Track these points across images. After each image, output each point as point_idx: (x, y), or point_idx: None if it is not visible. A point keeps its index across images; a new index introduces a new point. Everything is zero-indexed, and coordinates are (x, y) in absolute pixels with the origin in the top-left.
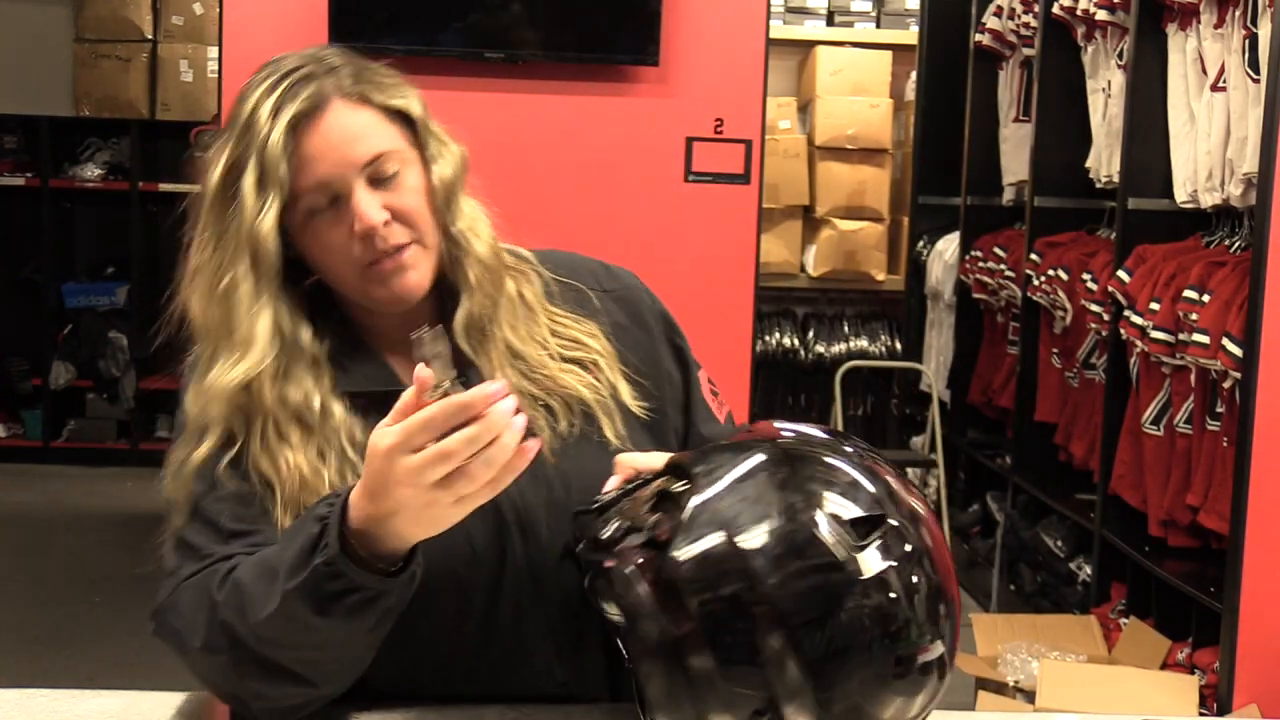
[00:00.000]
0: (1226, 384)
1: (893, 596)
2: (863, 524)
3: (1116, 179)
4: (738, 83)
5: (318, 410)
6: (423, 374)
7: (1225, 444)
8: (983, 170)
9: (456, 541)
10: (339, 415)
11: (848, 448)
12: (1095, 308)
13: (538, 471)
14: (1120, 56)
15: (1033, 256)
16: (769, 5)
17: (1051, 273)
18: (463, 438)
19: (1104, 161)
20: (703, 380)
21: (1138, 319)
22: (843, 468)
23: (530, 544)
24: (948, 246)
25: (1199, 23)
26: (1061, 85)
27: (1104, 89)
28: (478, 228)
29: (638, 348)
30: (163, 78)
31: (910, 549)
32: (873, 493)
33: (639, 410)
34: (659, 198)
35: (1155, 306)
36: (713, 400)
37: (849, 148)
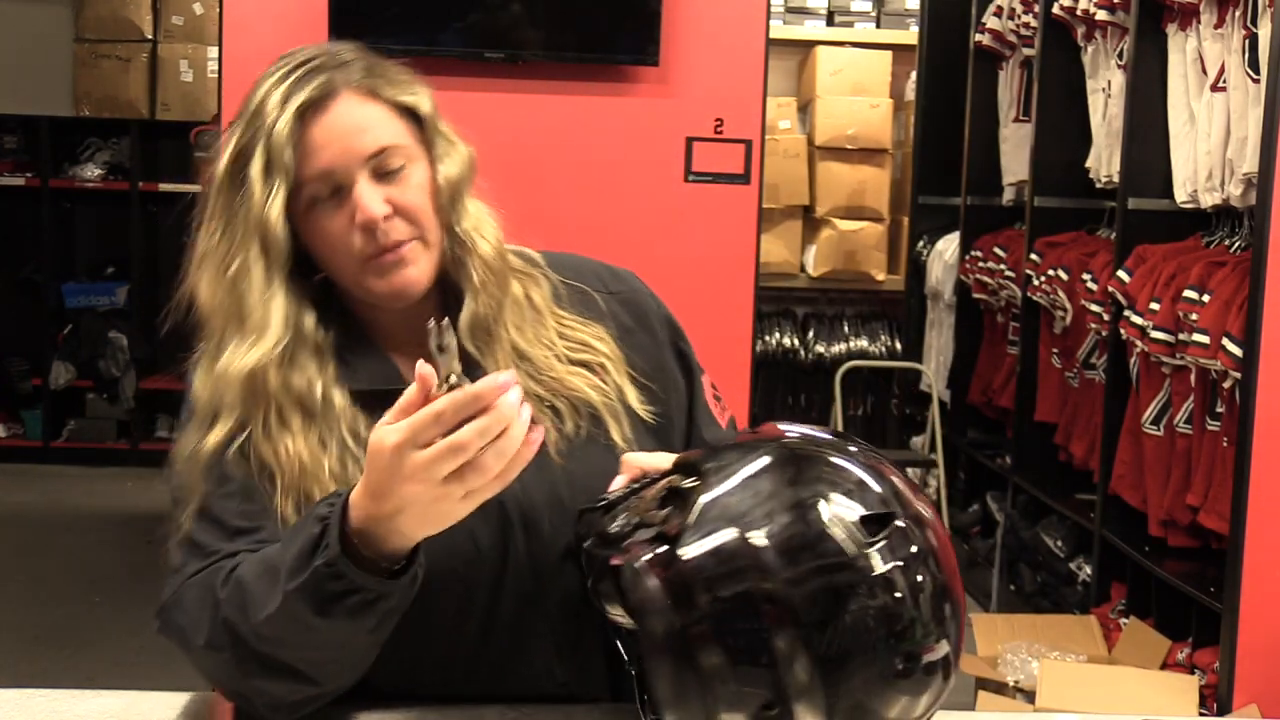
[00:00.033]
0: (1226, 384)
1: (901, 595)
2: (871, 523)
3: (1116, 179)
4: (738, 83)
5: (319, 398)
6: (424, 370)
7: (1225, 444)
8: (983, 170)
9: (460, 540)
10: (341, 405)
11: (853, 448)
12: (1095, 308)
13: (543, 471)
14: (1120, 56)
15: (1033, 256)
16: (769, 5)
17: (1051, 273)
18: (474, 429)
19: (1104, 161)
20: (706, 385)
21: (1138, 319)
22: (850, 468)
23: (533, 543)
24: (948, 246)
25: (1199, 23)
26: (1061, 85)
27: (1104, 89)
28: (483, 228)
29: (643, 351)
30: (163, 78)
31: (917, 548)
32: (880, 492)
33: (645, 414)
34: (659, 198)
35: (1155, 306)
36: (715, 405)
37: (849, 148)
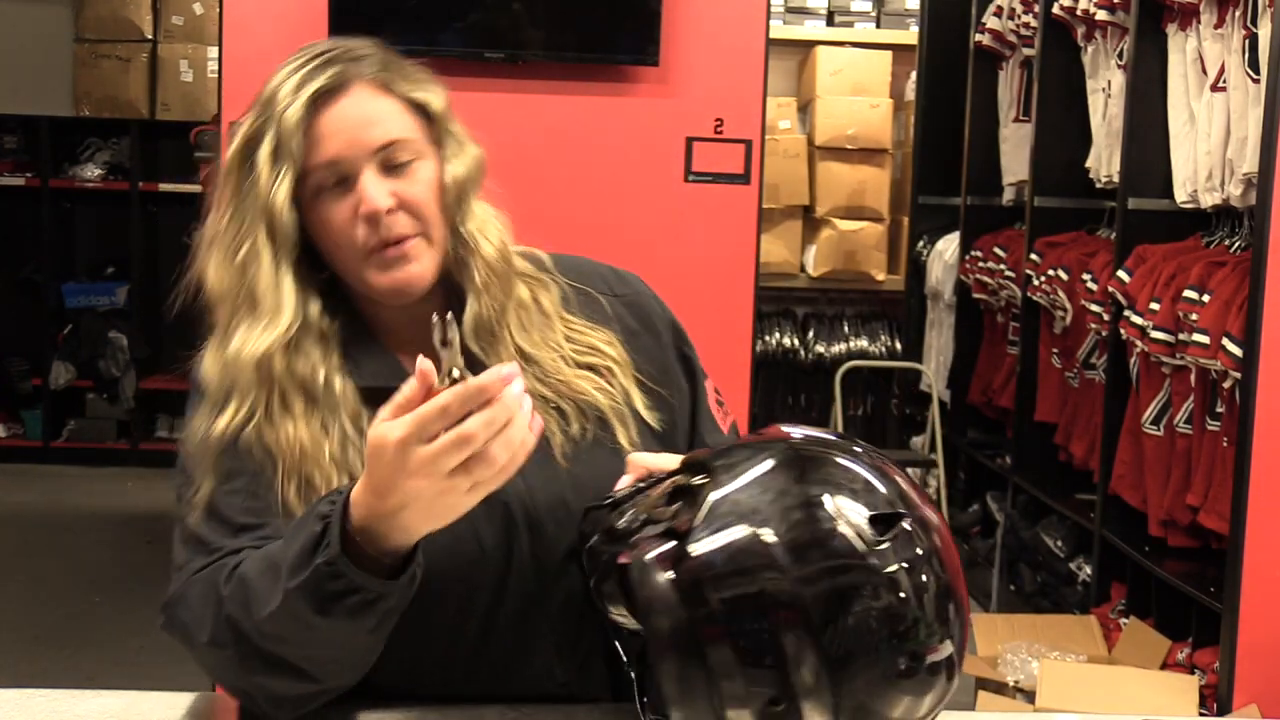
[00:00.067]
0: (1226, 384)
1: (907, 595)
2: (879, 523)
3: (1116, 179)
4: (738, 83)
5: (322, 384)
6: (424, 365)
7: (1225, 444)
8: (983, 170)
9: (464, 540)
10: (344, 393)
11: (858, 449)
12: (1095, 308)
13: (549, 473)
14: (1120, 56)
15: (1033, 256)
16: (769, 5)
17: (1051, 273)
18: (481, 420)
19: (1104, 161)
20: (709, 389)
21: (1138, 319)
22: (857, 468)
23: (537, 544)
24: (948, 246)
25: (1199, 23)
26: (1061, 85)
27: (1104, 89)
28: (487, 230)
29: (648, 354)
30: (163, 78)
31: (924, 549)
32: (886, 493)
33: (651, 419)
34: (659, 198)
35: (1155, 306)
36: (718, 410)
37: (849, 148)
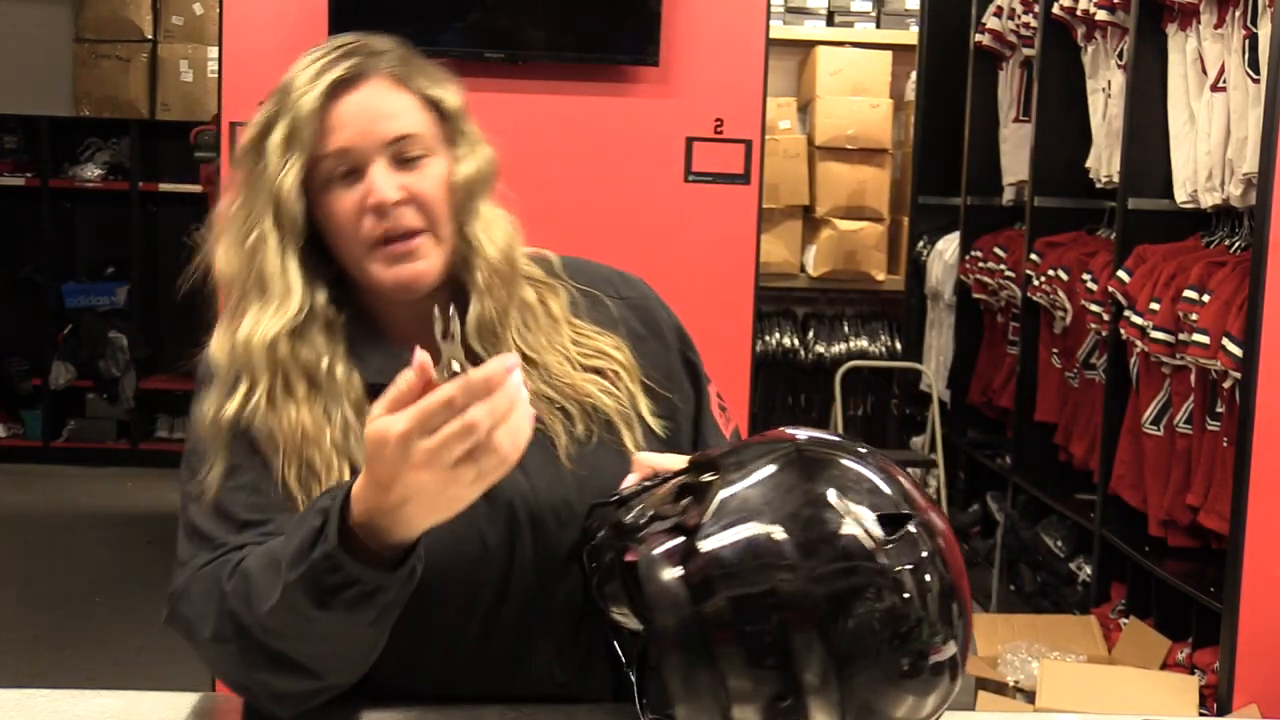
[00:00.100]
0: (1226, 384)
1: (914, 595)
2: (886, 523)
3: (1116, 179)
4: (738, 83)
5: (325, 371)
6: (423, 358)
7: (1225, 444)
8: (983, 170)
9: (468, 539)
10: (348, 381)
11: (862, 449)
12: (1095, 308)
13: (553, 474)
14: (1120, 56)
15: (1033, 256)
16: (769, 5)
17: (1051, 273)
18: (484, 409)
19: (1104, 161)
20: (712, 395)
21: (1138, 319)
22: (863, 469)
23: (540, 543)
24: (948, 246)
25: (1199, 23)
26: (1061, 85)
27: (1104, 89)
28: (494, 232)
29: (654, 359)
30: (163, 78)
31: (930, 549)
32: (893, 494)
33: (656, 425)
34: (659, 198)
35: (1155, 306)
36: (720, 415)
37: (849, 148)
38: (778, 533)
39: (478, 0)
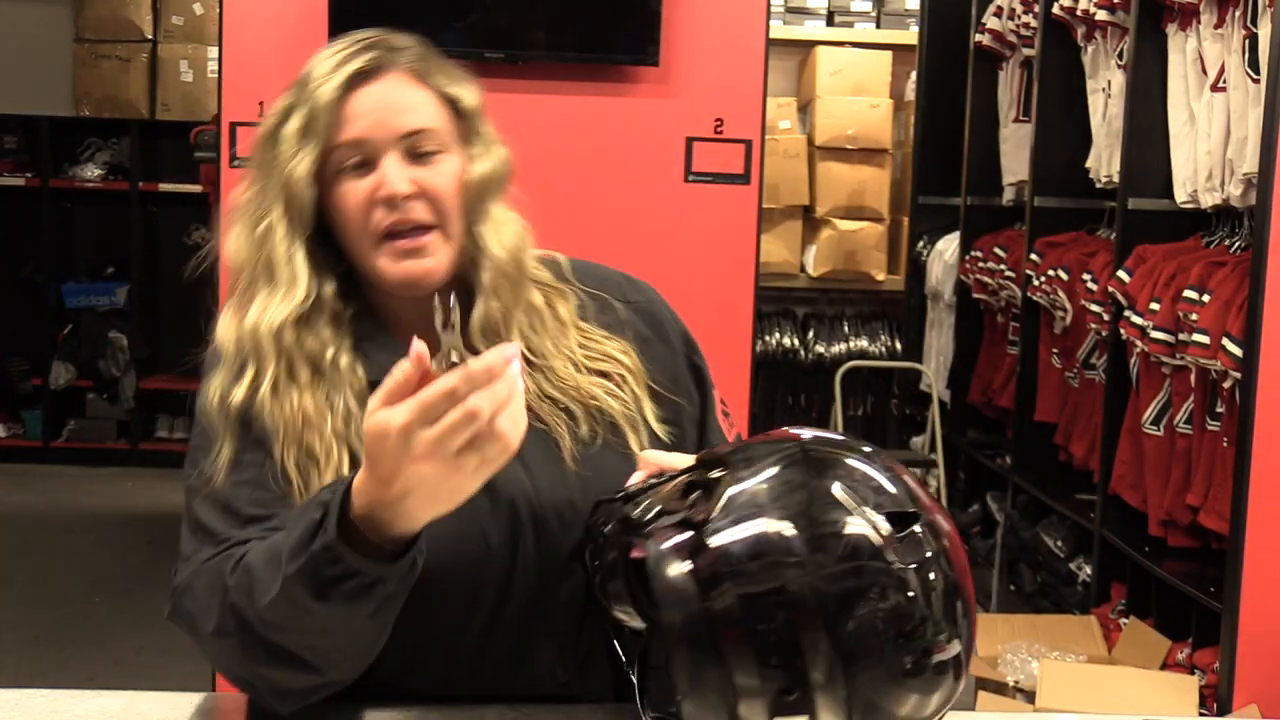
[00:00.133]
0: (1226, 384)
1: (921, 593)
2: (894, 521)
3: (1116, 179)
4: (738, 83)
5: (329, 361)
6: (421, 348)
7: (1225, 444)
8: (983, 170)
9: (471, 537)
10: (352, 372)
11: (867, 449)
12: (1095, 308)
13: (556, 473)
14: (1120, 56)
15: (1033, 256)
16: (769, 5)
17: (1051, 273)
18: (486, 396)
19: (1104, 161)
20: (716, 401)
21: (1138, 319)
22: (869, 468)
23: (542, 543)
24: (948, 246)
25: (1199, 23)
26: (1061, 85)
27: (1104, 89)
28: (503, 233)
29: (661, 362)
30: (163, 78)
31: (937, 547)
32: (899, 493)
33: (661, 431)
34: (659, 198)
35: (1155, 306)
36: (724, 421)
37: (849, 148)
38: (787, 529)
39: (478, 0)
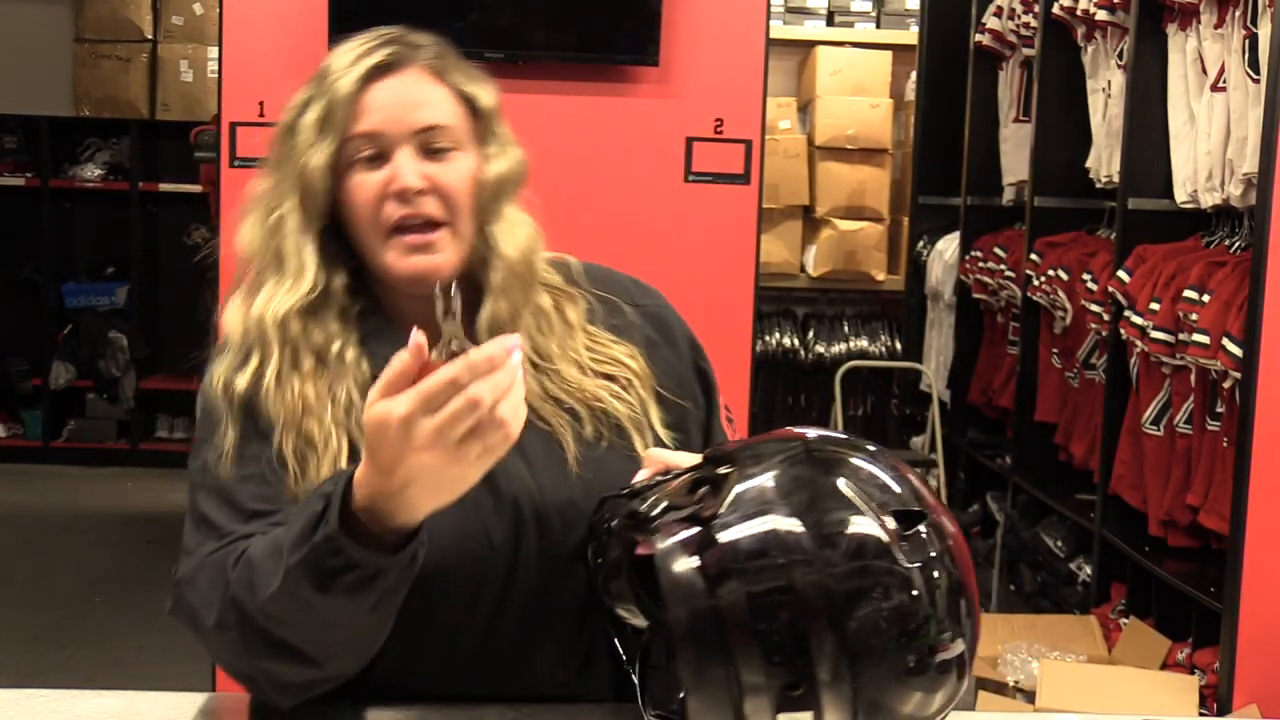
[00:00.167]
0: (1226, 384)
1: (925, 592)
2: (901, 520)
3: (1116, 179)
4: (738, 83)
5: (335, 354)
6: (420, 338)
7: (1225, 444)
8: (983, 170)
9: (474, 536)
10: (356, 364)
11: (871, 448)
12: (1095, 308)
13: (560, 474)
14: (1120, 56)
15: (1033, 256)
16: (769, 5)
17: (1051, 273)
18: (487, 385)
19: (1104, 161)
20: (720, 406)
21: (1138, 319)
22: (875, 467)
23: (545, 542)
24: (948, 246)
25: (1199, 23)
26: (1061, 85)
27: (1104, 89)
28: (515, 234)
29: (668, 366)
30: (163, 78)
31: (943, 546)
32: (904, 492)
33: (666, 436)
34: (659, 198)
35: (1155, 306)
36: (728, 427)
37: (849, 148)
38: (795, 525)
39: (478, 0)
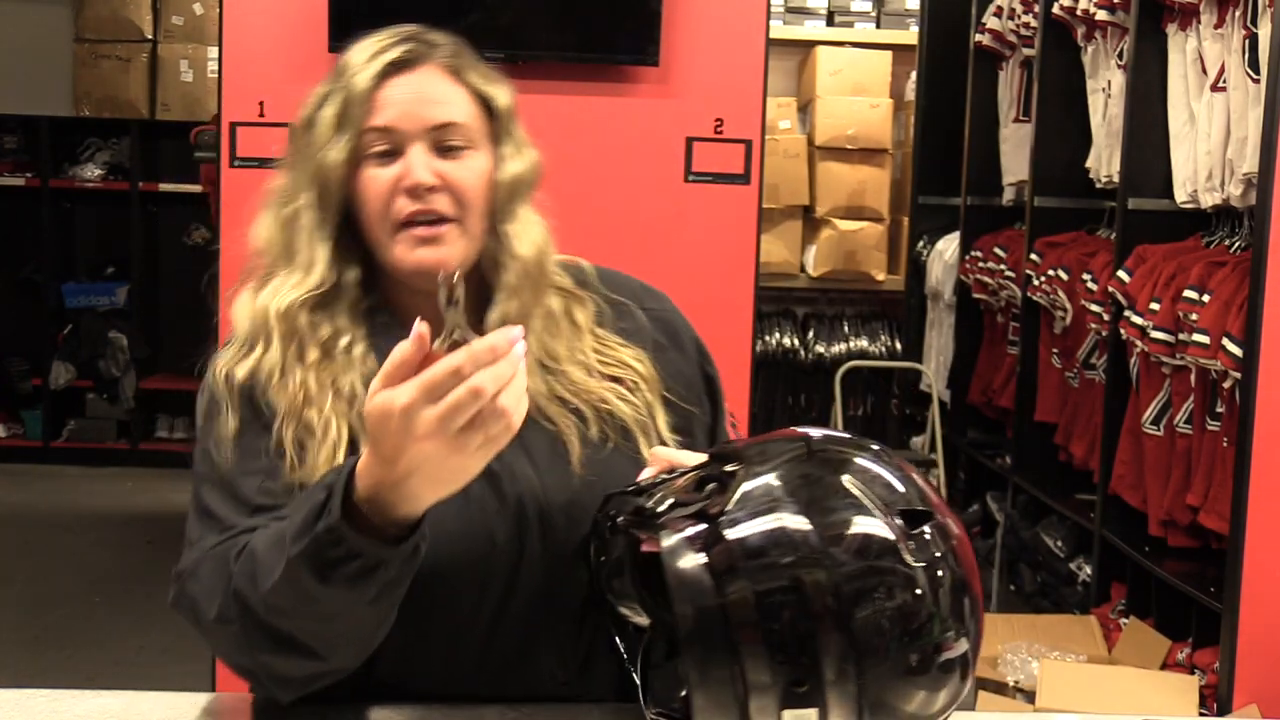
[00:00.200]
0: (1226, 384)
1: (930, 591)
2: (907, 519)
3: (1116, 179)
4: (738, 83)
5: (341, 347)
6: (422, 328)
7: (1225, 444)
8: (983, 170)
9: (477, 534)
10: (362, 359)
11: (875, 447)
12: (1095, 308)
13: (564, 474)
14: (1120, 56)
15: (1033, 256)
16: (769, 5)
17: (1051, 273)
18: (489, 374)
19: (1104, 161)
20: (726, 412)
21: (1138, 319)
22: (880, 467)
23: (548, 541)
24: (948, 246)
25: (1199, 23)
26: (1061, 85)
27: (1104, 89)
28: (529, 234)
29: (675, 369)
30: (163, 78)
31: (948, 546)
32: (910, 491)
33: (672, 439)
34: (659, 198)
35: (1155, 306)
36: (732, 433)
37: (849, 148)
38: (803, 523)
39: (478, 0)
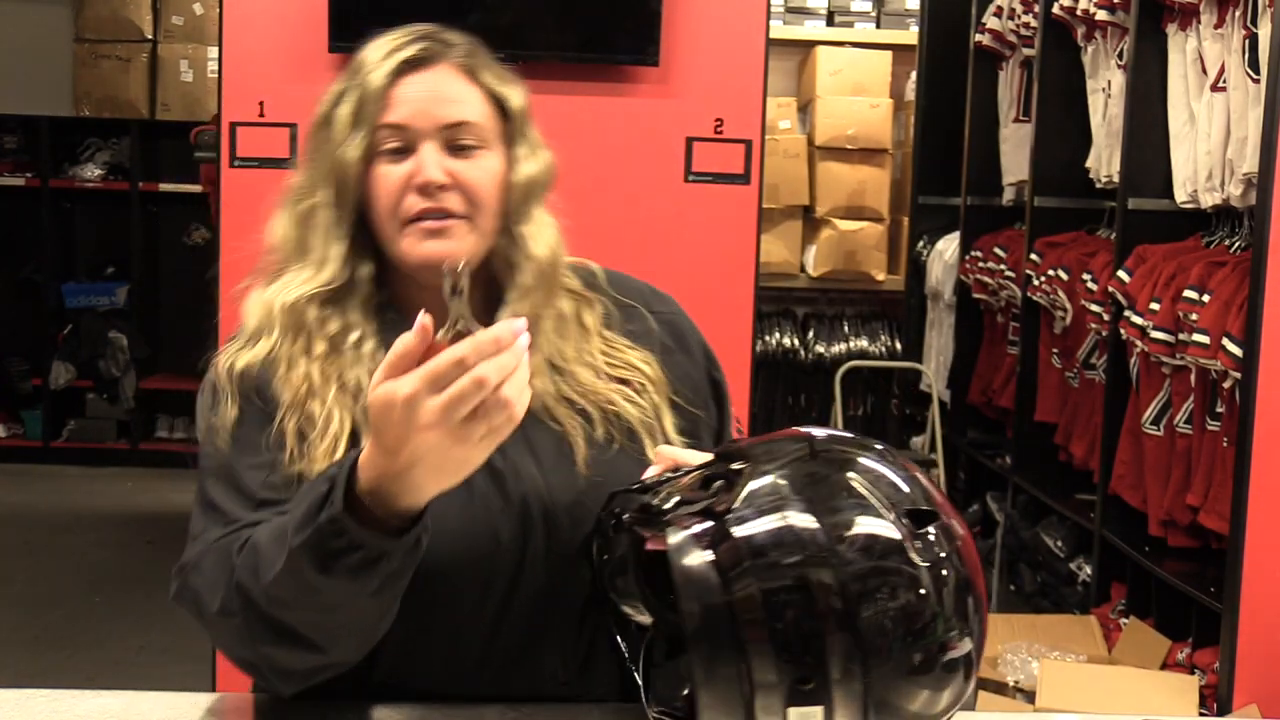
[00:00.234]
0: (1226, 384)
1: (934, 590)
2: (913, 518)
3: (1116, 179)
4: (738, 83)
5: (350, 343)
6: (426, 320)
7: (1225, 444)
8: (983, 170)
9: (481, 532)
10: (370, 354)
11: (879, 447)
12: (1095, 308)
13: (569, 474)
14: (1120, 56)
15: (1033, 256)
16: (769, 5)
17: (1051, 273)
18: (493, 365)
19: (1104, 161)
20: (731, 417)
21: (1138, 319)
22: (885, 467)
23: (552, 540)
24: (948, 246)
25: (1199, 23)
26: (1061, 85)
27: (1104, 89)
28: (543, 235)
29: (683, 372)
30: (163, 78)
31: (953, 545)
32: (914, 491)
33: (678, 441)
34: (659, 198)
35: (1155, 306)
36: (737, 437)
37: (849, 148)
38: (810, 522)
39: (478, 0)
